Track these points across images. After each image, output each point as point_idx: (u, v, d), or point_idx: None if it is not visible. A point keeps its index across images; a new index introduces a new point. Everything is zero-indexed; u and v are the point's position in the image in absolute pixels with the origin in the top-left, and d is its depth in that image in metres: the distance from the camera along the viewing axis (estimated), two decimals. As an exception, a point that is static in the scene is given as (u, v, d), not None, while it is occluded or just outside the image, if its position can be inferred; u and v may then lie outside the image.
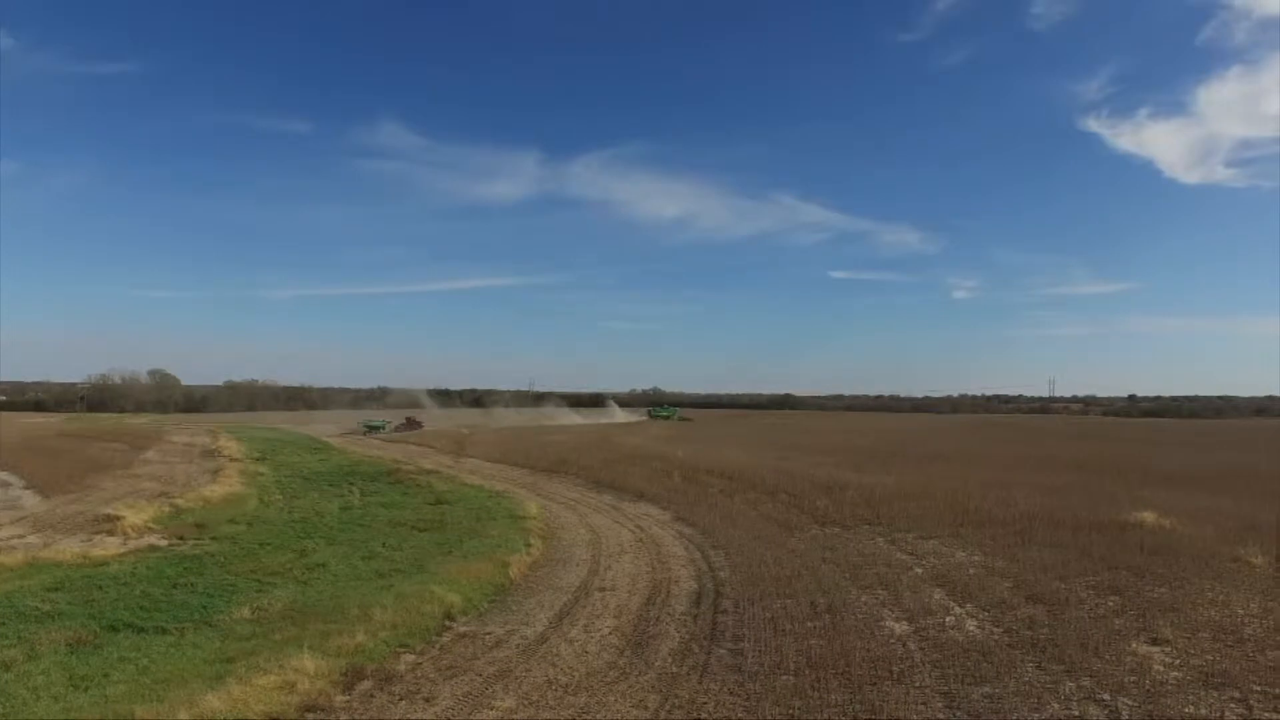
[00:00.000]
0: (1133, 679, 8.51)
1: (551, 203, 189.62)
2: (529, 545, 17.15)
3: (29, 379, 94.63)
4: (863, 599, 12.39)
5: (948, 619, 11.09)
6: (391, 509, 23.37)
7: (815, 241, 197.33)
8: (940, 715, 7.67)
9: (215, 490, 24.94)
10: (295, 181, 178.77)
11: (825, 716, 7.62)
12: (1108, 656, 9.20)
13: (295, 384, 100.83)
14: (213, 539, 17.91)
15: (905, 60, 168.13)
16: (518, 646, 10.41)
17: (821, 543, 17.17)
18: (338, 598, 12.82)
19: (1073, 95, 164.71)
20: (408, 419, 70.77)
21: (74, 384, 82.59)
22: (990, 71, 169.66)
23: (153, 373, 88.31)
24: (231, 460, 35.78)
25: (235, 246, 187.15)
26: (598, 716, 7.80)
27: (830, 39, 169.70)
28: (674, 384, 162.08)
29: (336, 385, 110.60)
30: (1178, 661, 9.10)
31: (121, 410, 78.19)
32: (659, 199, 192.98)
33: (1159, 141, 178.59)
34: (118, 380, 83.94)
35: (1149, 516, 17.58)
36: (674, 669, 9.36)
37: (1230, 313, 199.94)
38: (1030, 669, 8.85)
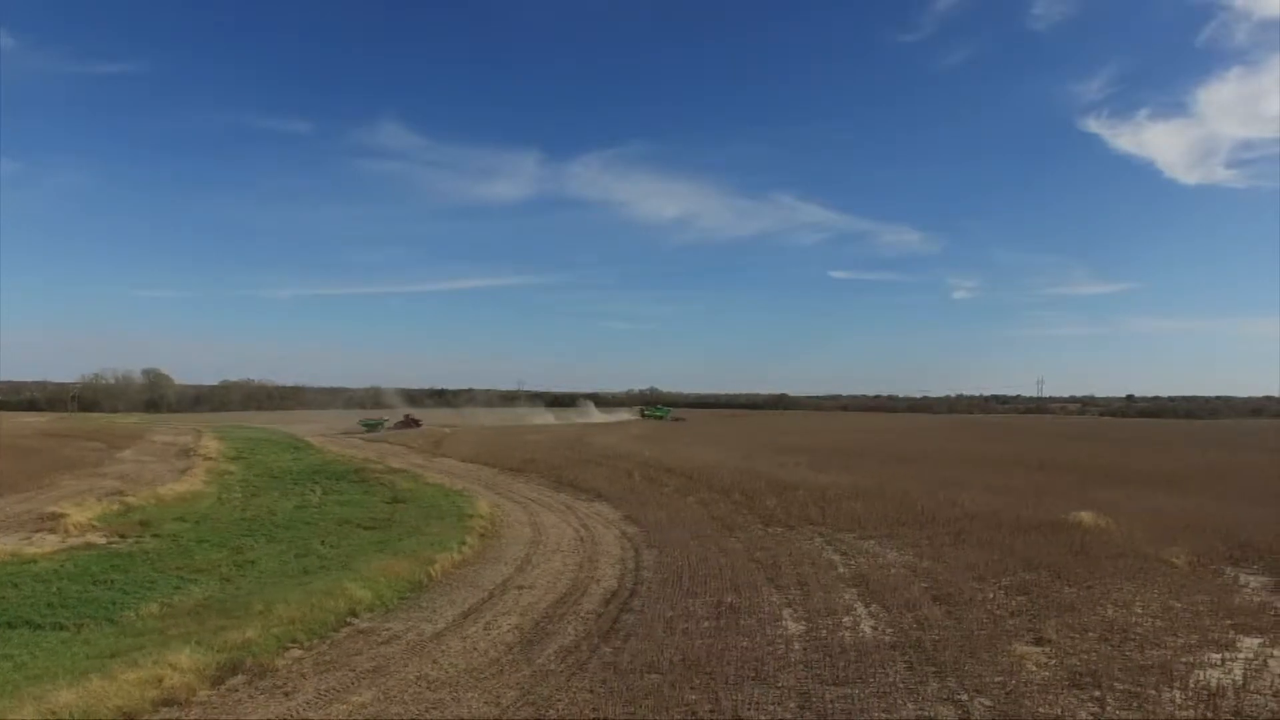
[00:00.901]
0: (998, 680, 8.47)
1: (551, 203, 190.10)
2: (464, 543, 17.18)
3: (29, 379, 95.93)
4: (773, 599, 12.37)
5: (846, 619, 11.06)
6: (346, 507, 23.45)
7: (815, 241, 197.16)
8: (787, 716, 7.66)
9: (174, 489, 25.08)
10: (295, 181, 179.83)
11: (666, 716, 7.61)
12: (984, 657, 9.16)
13: (288, 384, 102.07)
14: (154, 536, 18.02)
15: (906, 60, 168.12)
16: (408, 643, 10.43)
17: (757, 543, 17.13)
18: (251, 594, 12.87)
19: (1073, 96, 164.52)
20: (406, 416, 71.27)
21: (69, 384, 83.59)
22: (990, 72, 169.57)
23: (146, 372, 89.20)
24: (205, 459, 35.96)
25: (235, 246, 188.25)
26: (447, 713, 7.82)
27: (830, 39, 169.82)
28: (675, 384, 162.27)
29: (336, 385, 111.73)
30: (1052, 662, 9.06)
31: (114, 410, 78.73)
32: (659, 199, 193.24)
33: (1159, 142, 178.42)
34: (111, 380, 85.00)
35: (1087, 517, 17.51)
36: (552, 666, 9.37)
37: (1230, 313, 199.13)
38: (900, 670, 8.82)
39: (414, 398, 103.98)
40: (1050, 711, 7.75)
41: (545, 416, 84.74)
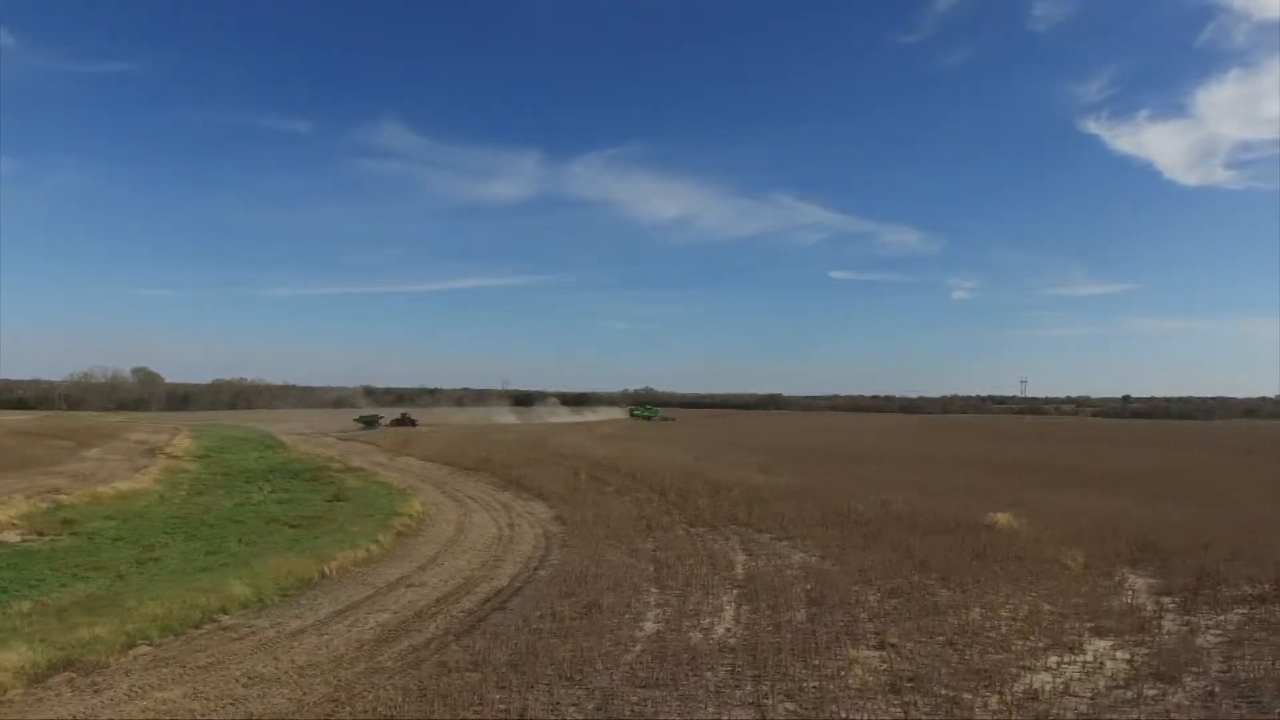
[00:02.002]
0: (815, 684, 8.38)
1: (552, 203, 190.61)
2: (377, 542, 17.18)
3: (29, 378, 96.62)
4: (648, 599, 12.29)
5: (706, 621, 10.97)
6: (284, 505, 23.51)
7: (815, 242, 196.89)
8: (578, 717, 7.60)
9: (118, 487, 25.20)
10: (296, 181, 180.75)
11: (452, 715, 7.56)
12: (815, 662, 9.06)
13: (277, 383, 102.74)
14: (72, 535, 18.09)
15: (906, 61, 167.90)
16: (261, 640, 10.42)
17: (671, 543, 17.03)
18: (134, 591, 12.89)
19: (1073, 97, 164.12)
20: (403, 414, 71.83)
21: (59, 382, 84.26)
22: (990, 73, 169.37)
23: (136, 371, 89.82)
24: (169, 458, 36.16)
25: (235, 246, 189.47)
26: (240, 710, 7.80)
27: (831, 40, 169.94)
28: (674, 384, 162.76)
29: (334, 385, 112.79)
30: (883, 666, 8.94)
31: (104, 408, 79.27)
32: (659, 199, 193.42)
33: (1158, 143, 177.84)
34: (100, 378, 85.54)
35: (1003, 518, 17.37)
36: (387, 664, 9.33)
37: (1229, 314, 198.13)
38: (722, 673, 8.73)
39: (378, 398, 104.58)
40: (854, 717, 7.65)
41: (508, 416, 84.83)
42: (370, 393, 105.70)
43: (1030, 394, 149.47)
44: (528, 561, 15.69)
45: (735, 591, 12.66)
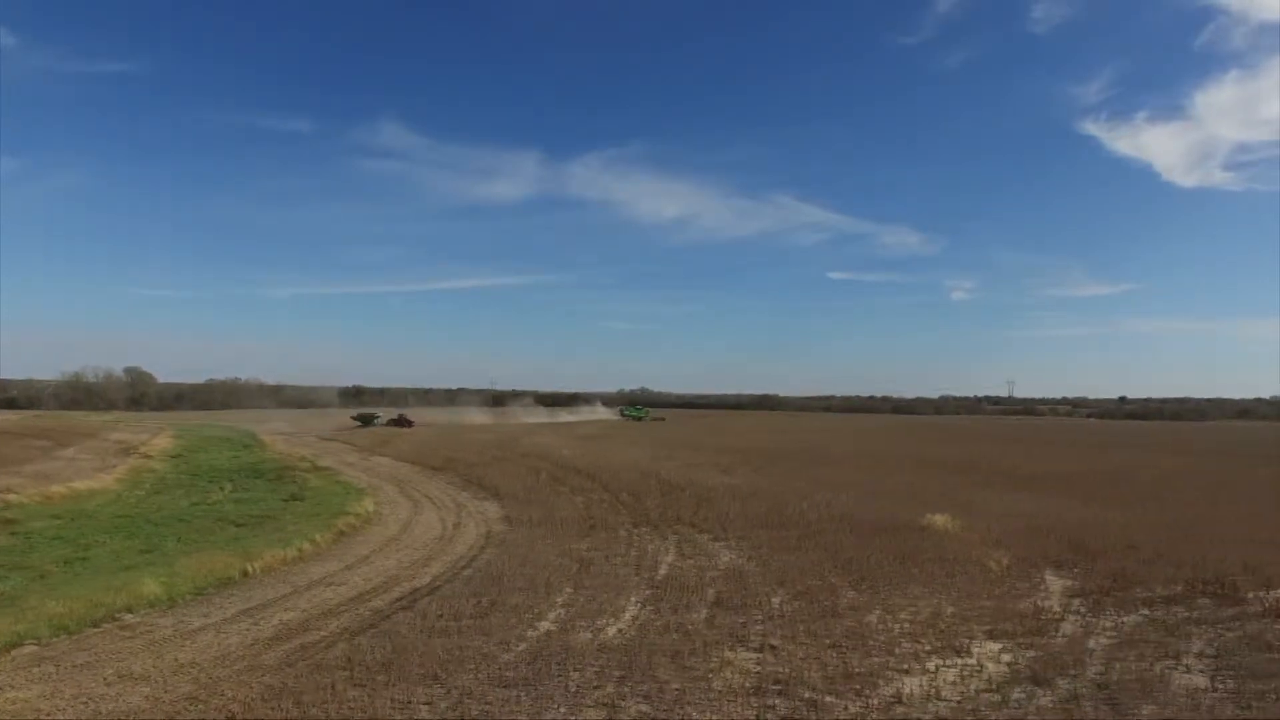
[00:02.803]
0: (679, 686, 8.31)
1: (552, 203, 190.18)
2: (314, 540, 17.17)
3: (29, 377, 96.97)
4: (557, 599, 12.24)
5: (602, 621, 10.92)
6: (238, 504, 23.53)
7: (815, 242, 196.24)
8: (428, 716, 7.55)
9: (76, 486, 25.26)
10: (296, 181, 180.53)
11: (304, 713, 7.52)
12: (688, 663, 8.99)
13: (271, 382, 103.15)
14: (10, 534, 18.12)
15: (905, 62, 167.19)
16: (157, 639, 10.39)
17: (606, 544, 16.96)
18: (43, 591, 12.89)
19: (1071, 98, 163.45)
20: (399, 415, 72.37)
21: (50, 381, 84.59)
22: (990, 74, 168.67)
23: (128, 370, 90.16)
24: (143, 457, 36.21)
25: (235, 246, 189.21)
26: (90, 708, 7.77)
27: (830, 41, 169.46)
28: (673, 384, 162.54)
29: (329, 385, 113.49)
30: (756, 669, 8.87)
31: (95, 408, 79.46)
32: (659, 199, 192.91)
33: (1157, 144, 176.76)
34: (92, 378, 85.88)
35: (939, 519, 17.27)
36: (267, 662, 9.30)
37: (1228, 315, 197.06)
38: (591, 673, 8.67)
39: (369, 399, 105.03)
40: (704, 717, 7.59)
41: (477, 416, 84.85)
42: (360, 393, 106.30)
43: (1029, 395, 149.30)
44: (457, 561, 15.65)
45: (647, 592, 12.60)
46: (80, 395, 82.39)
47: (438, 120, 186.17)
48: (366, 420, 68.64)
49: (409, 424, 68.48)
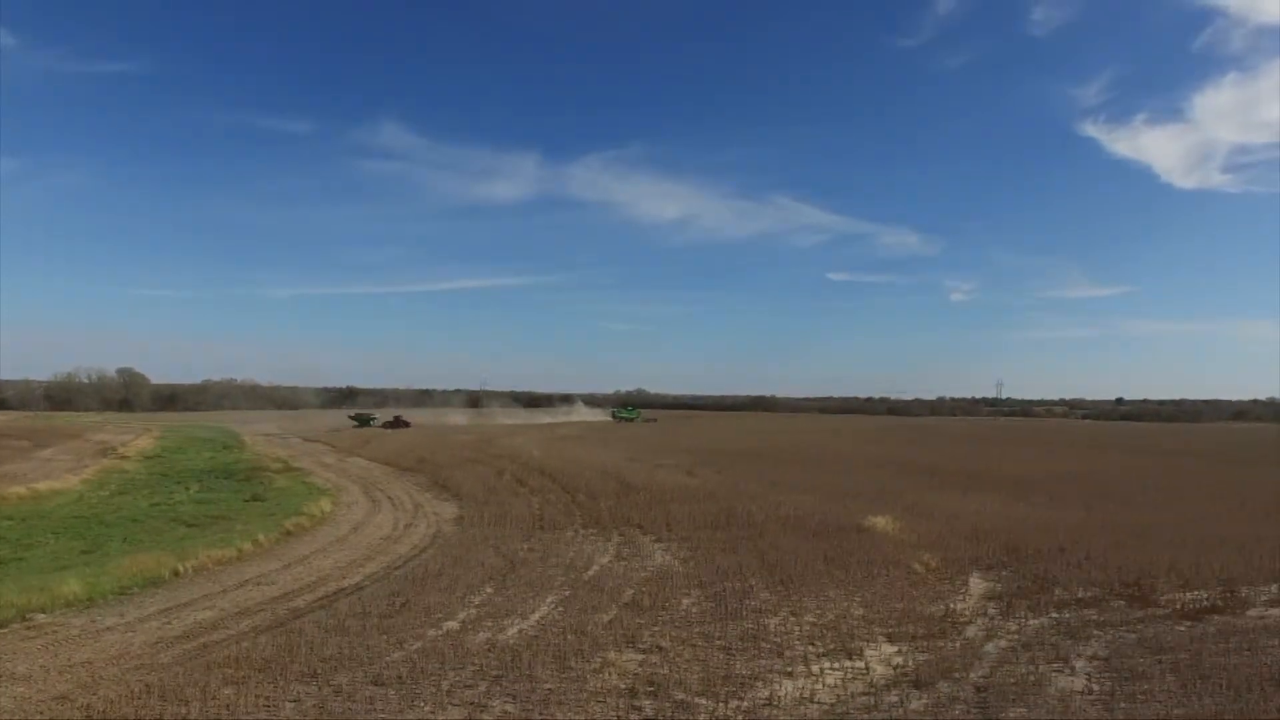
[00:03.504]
0: (552, 686, 8.30)
1: (552, 203, 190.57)
2: (257, 540, 17.23)
3: (22, 377, 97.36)
4: (473, 600, 12.24)
5: (508, 621, 10.93)
6: (200, 505, 23.65)
7: (814, 243, 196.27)
8: (292, 715, 7.57)
9: (38, 487, 25.39)
10: (296, 181, 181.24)
11: (173, 711, 7.55)
12: (572, 663, 8.99)
13: (265, 383, 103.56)
14: (-42, 533, 18.24)
15: (905, 64, 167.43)
16: (61, 638, 10.42)
17: (548, 544, 16.93)
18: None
19: (1071, 100, 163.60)
20: (395, 417, 73.02)
21: (44, 382, 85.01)
22: (989, 76, 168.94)
23: (121, 371, 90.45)
24: (119, 458, 36.43)
25: (235, 246, 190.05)
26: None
27: (830, 42, 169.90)
28: (672, 385, 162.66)
29: (332, 385, 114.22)
30: (635, 671, 8.83)
31: (88, 408, 79.90)
32: (659, 200, 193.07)
33: (1156, 147, 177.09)
34: (84, 378, 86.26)
35: (881, 521, 17.24)
36: (165, 661, 9.35)
37: (1227, 316, 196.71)
38: (469, 672, 8.68)
39: (362, 399, 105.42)
40: (568, 717, 7.60)
41: (456, 417, 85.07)
42: (352, 394, 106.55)
43: (1026, 396, 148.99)
44: (394, 562, 15.67)
45: (566, 594, 12.60)
46: (72, 396, 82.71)
47: (437, 121, 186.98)
48: (363, 421, 68.93)
49: (405, 424, 69.10)
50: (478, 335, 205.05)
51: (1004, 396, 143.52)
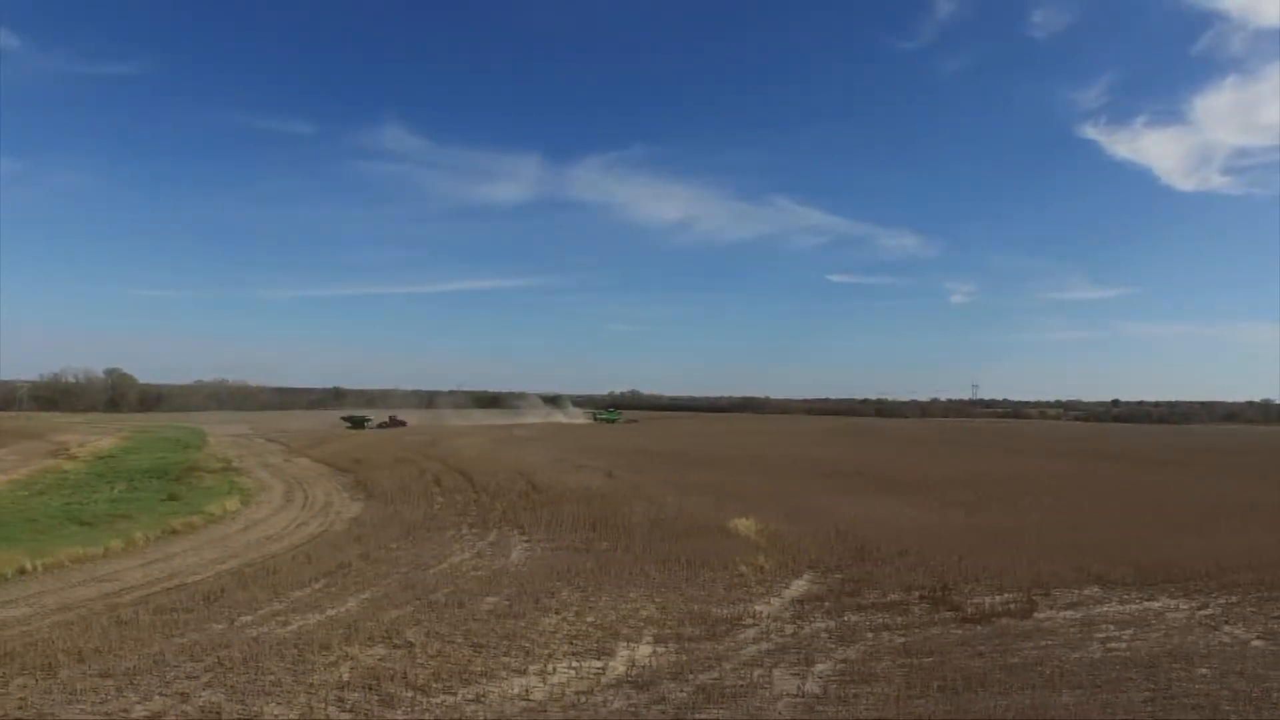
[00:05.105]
0: (275, 679, 8.40)
1: (552, 205, 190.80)
2: (130, 539, 17.57)
3: (15, 378, 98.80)
4: (291, 595, 12.41)
5: (299, 617, 11.05)
6: (115, 504, 23.92)
7: (814, 245, 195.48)
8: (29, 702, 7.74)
9: (-38, 484, 25.77)
10: (297, 182, 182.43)
11: None
12: (309, 658, 9.08)
13: (254, 384, 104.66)
14: None
15: (906, 66, 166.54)
16: None
17: (421, 543, 17.08)
18: None
19: (1071, 103, 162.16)
20: (391, 417, 74.02)
21: (38, 383, 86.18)
22: (990, 78, 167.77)
23: (109, 371, 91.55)
24: (67, 458, 36.95)
25: (235, 247, 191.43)
26: None
27: (831, 45, 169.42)
28: (672, 387, 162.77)
29: (332, 385, 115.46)
30: (374, 665, 8.93)
31: (74, 409, 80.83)
32: (659, 202, 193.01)
33: (1156, 149, 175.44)
34: (71, 379, 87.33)
35: (744, 524, 17.23)
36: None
37: (1226, 318, 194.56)
38: (204, 666, 8.78)
39: (351, 400, 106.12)
40: (270, 710, 7.67)
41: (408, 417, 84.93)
42: (341, 394, 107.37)
43: (1026, 398, 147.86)
44: (254, 560, 15.83)
45: (383, 591, 12.70)
46: (60, 397, 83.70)
47: (439, 123, 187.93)
48: (357, 423, 68.75)
49: (402, 423, 70.42)
50: (477, 337, 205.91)
51: (980, 398, 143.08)
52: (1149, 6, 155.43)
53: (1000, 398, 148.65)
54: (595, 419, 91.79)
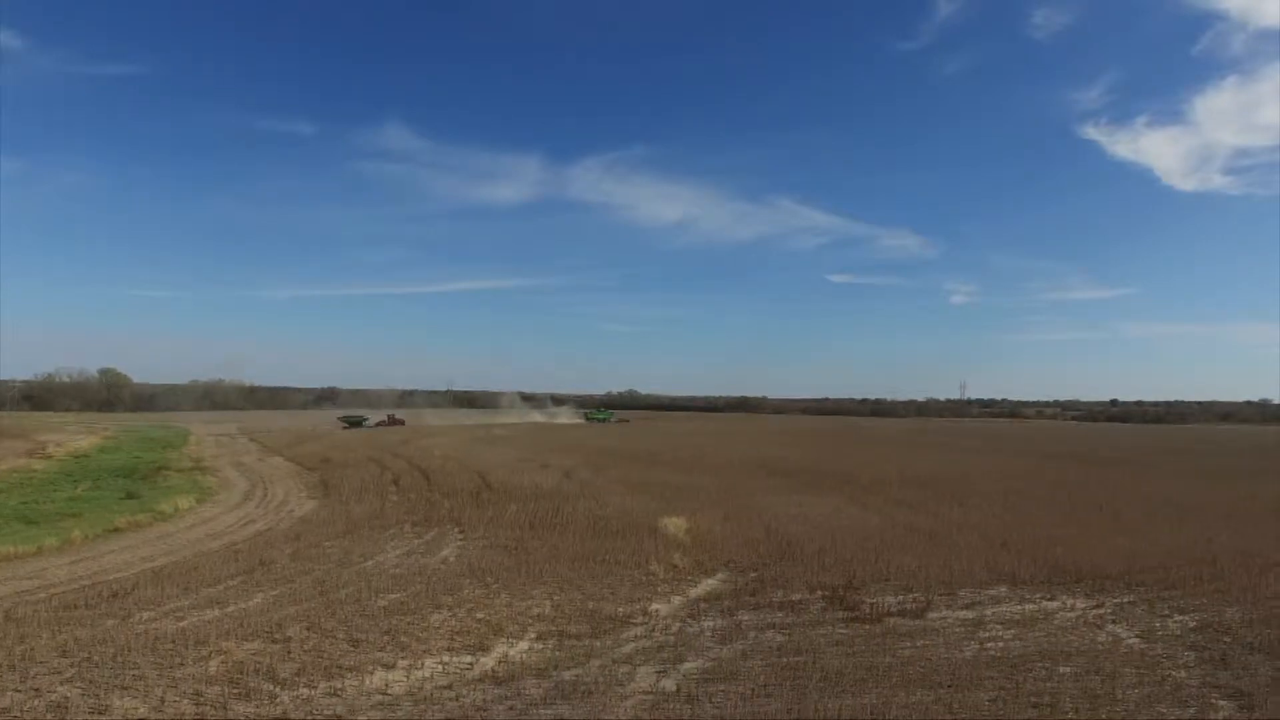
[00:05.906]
0: (135, 673, 8.47)
1: (553, 205, 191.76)
2: (68, 538, 17.77)
3: (26, 378, 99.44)
4: (204, 592, 12.48)
5: (201, 613, 11.13)
6: (72, 502, 24.10)
7: (814, 245, 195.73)
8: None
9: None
10: (298, 183, 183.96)
11: None
12: (184, 652, 9.14)
13: (248, 384, 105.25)
14: None
15: (906, 67, 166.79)
16: None
17: (359, 542, 17.09)
18: None
19: (1072, 103, 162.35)
20: (389, 416, 74.31)
21: (32, 382, 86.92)
22: (990, 79, 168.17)
23: (103, 371, 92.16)
24: (41, 457, 37.21)
25: (236, 247, 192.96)
26: None
27: (831, 46, 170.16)
28: (672, 387, 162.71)
29: (332, 386, 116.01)
30: (241, 659, 8.95)
31: (67, 409, 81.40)
32: (660, 202, 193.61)
33: (1156, 149, 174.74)
34: (65, 378, 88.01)
35: (674, 523, 17.21)
36: None
37: (1227, 318, 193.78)
38: (72, 662, 8.87)
39: (345, 400, 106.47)
40: (118, 703, 7.75)
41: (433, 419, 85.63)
42: (333, 395, 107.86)
43: (1025, 398, 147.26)
44: (187, 558, 15.91)
45: (293, 588, 12.76)
46: (53, 396, 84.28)
47: (440, 123, 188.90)
48: (354, 422, 68.92)
49: (400, 422, 71.11)
50: (476, 337, 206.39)
51: (970, 398, 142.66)
52: (1149, 7, 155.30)
53: (1000, 398, 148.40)
54: (588, 419, 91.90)
